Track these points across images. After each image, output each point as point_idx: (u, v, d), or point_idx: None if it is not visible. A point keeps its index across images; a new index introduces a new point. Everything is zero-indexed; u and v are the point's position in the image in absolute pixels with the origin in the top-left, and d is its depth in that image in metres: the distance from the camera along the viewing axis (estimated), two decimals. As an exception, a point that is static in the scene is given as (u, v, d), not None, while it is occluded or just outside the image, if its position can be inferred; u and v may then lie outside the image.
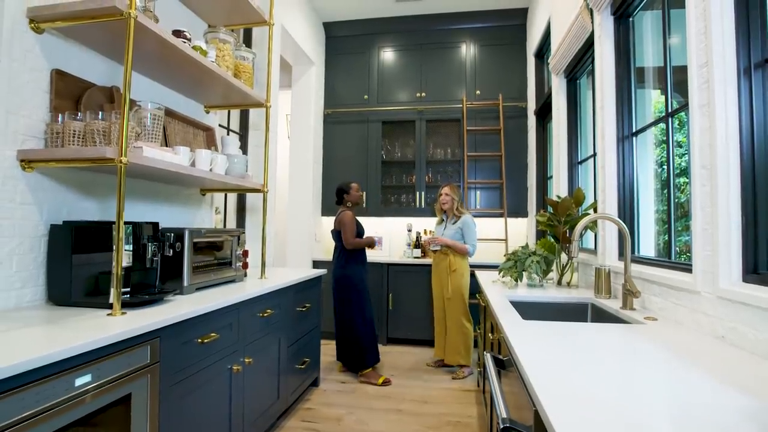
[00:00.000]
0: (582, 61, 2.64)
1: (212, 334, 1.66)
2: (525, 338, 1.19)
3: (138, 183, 2.03)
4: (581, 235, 2.46)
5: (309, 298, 2.78)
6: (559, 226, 2.27)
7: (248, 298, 1.94)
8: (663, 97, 1.93)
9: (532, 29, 4.07)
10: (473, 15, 4.36)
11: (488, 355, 1.29)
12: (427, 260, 4.15)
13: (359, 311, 3.16)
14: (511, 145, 4.27)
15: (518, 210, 4.23)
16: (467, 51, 4.41)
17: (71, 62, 1.68)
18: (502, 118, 4.23)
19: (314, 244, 4.39)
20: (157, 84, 2.16)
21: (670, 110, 1.67)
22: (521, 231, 4.32)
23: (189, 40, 1.88)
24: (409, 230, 4.42)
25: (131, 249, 1.57)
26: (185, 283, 1.85)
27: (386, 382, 3.08)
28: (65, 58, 1.65)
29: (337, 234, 3.24)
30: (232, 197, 3.24)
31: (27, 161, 1.48)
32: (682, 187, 2.06)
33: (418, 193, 4.42)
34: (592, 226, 2.21)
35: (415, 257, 4.27)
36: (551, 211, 2.43)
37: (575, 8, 2.43)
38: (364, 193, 4.37)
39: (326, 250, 4.67)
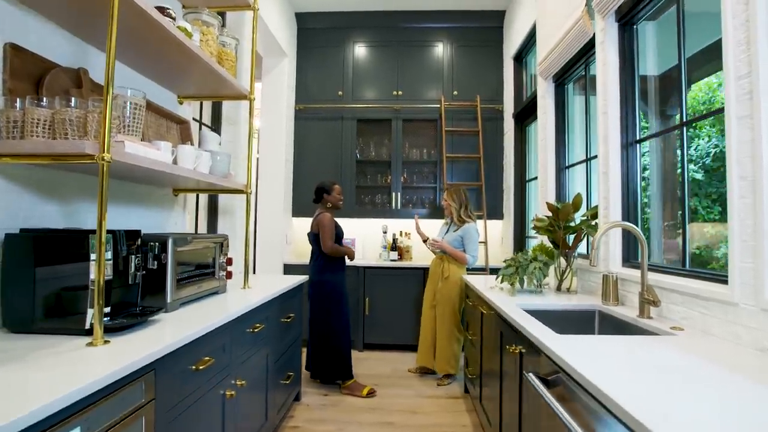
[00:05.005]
0: (574, 67, 2.65)
1: (206, 359, 1.44)
2: (579, 357, 1.11)
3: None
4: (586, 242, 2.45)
5: (292, 307, 2.58)
6: (559, 231, 2.26)
7: (241, 314, 1.73)
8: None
9: (510, 32, 4.09)
10: (450, 14, 4.31)
11: (532, 375, 1.20)
12: (404, 263, 4.06)
13: (338, 320, 2.99)
14: (488, 147, 4.27)
15: (494, 212, 4.25)
16: (444, 51, 4.36)
17: (30, 36, 1.39)
18: (480, 119, 4.22)
19: (285, 246, 4.15)
20: (128, 68, 1.87)
21: (684, 119, 1.68)
22: (496, 234, 4.34)
23: (174, 19, 1.63)
24: (385, 232, 4.30)
25: (110, 262, 1.32)
26: (169, 299, 1.61)
27: (371, 393, 2.94)
28: (22, 30, 1.36)
29: (314, 237, 3.05)
30: (203, 197, 2.94)
31: (-25, 156, 1.20)
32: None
33: (393, 194, 4.31)
34: (591, 231, 2.21)
35: (392, 260, 4.16)
36: (545, 216, 2.42)
37: (571, 13, 2.42)
38: (340, 193, 4.18)
39: (298, 253, 4.44)
